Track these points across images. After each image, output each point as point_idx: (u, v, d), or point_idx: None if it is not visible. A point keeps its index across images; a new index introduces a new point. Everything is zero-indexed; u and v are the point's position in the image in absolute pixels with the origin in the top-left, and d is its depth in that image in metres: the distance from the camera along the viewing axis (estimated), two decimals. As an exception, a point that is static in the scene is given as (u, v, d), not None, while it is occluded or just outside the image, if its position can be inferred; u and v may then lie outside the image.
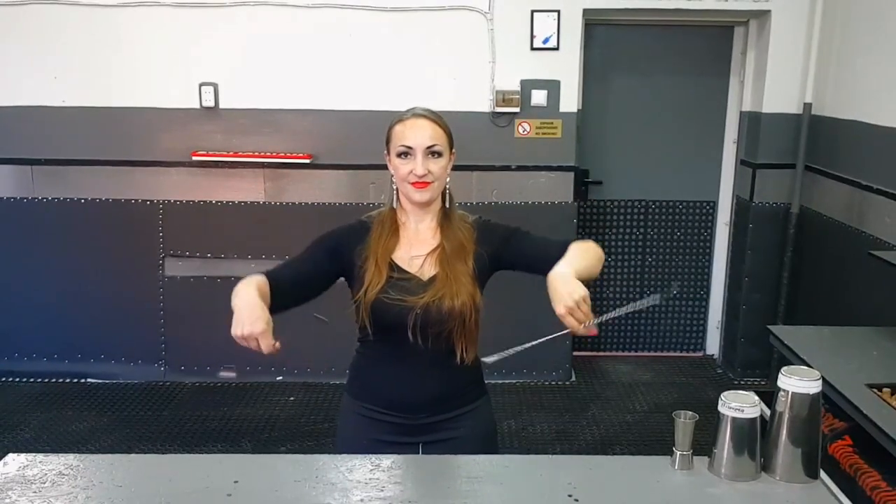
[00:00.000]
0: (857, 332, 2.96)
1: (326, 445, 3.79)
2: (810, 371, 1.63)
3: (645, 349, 5.05)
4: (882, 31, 3.69)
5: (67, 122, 4.36)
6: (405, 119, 1.91)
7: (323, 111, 4.36)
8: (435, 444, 1.92)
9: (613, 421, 4.18)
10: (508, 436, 3.96)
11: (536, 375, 4.63)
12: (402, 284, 1.88)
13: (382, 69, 4.30)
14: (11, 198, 4.46)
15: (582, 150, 4.54)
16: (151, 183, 4.43)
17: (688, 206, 4.87)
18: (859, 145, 3.87)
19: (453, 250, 1.91)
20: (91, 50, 4.28)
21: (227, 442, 3.93)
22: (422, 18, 4.25)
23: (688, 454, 1.65)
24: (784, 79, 4.33)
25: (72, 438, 3.93)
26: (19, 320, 4.54)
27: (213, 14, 4.25)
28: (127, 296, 4.50)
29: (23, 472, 1.63)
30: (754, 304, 4.59)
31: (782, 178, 4.43)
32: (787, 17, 4.28)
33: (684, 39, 4.66)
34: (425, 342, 1.87)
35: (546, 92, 4.32)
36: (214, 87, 4.31)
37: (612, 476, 1.67)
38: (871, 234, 3.71)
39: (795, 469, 1.61)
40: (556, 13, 4.23)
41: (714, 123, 4.76)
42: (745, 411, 1.58)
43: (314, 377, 4.56)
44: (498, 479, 1.64)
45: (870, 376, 2.45)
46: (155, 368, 4.59)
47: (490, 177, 4.40)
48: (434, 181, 1.89)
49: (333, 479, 1.62)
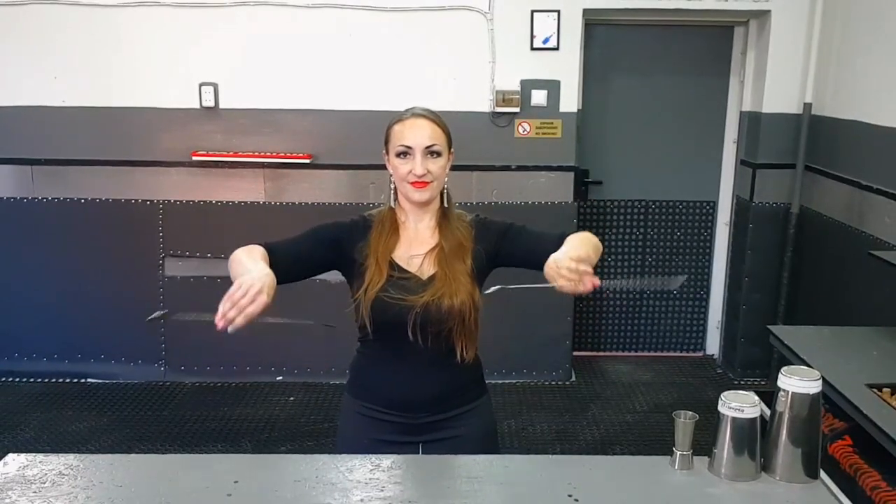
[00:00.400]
0: (857, 332, 2.96)
1: (326, 445, 3.79)
2: (810, 371, 1.63)
3: (645, 349, 5.05)
4: (882, 31, 3.69)
5: (67, 122, 4.36)
6: (404, 119, 1.91)
7: (323, 111, 4.36)
8: (435, 443, 1.93)
9: (613, 421, 4.18)
10: (508, 436, 3.96)
11: (536, 375, 4.63)
12: (401, 283, 1.88)
13: (382, 69, 4.30)
14: (11, 198, 4.46)
15: (582, 150, 4.54)
16: (151, 183, 4.43)
17: (688, 206, 4.87)
18: (859, 145, 3.87)
19: (452, 249, 1.91)
20: (91, 50, 4.28)
21: (227, 442, 3.93)
22: (422, 18, 4.26)
23: (688, 454, 1.65)
24: (784, 79, 4.33)
25: (72, 438, 3.93)
26: (19, 320, 4.55)
27: (213, 14, 4.25)
28: (127, 296, 4.50)
29: (23, 472, 1.63)
30: (754, 304, 4.59)
31: (782, 178, 4.43)
32: (787, 17, 4.28)
33: (684, 39, 4.66)
34: (425, 341, 1.87)
35: (546, 92, 4.32)
36: (214, 87, 4.31)
37: (612, 476, 1.67)
38: (871, 234, 3.71)
39: (795, 469, 1.61)
40: (556, 13, 4.23)
41: (714, 123, 4.76)
42: (745, 411, 1.58)
43: (314, 377, 4.56)
44: (498, 479, 1.64)
45: (870, 376, 2.45)
46: (155, 368, 4.60)
47: (490, 177, 4.40)
48: (433, 181, 1.89)
49: (333, 479, 1.62)
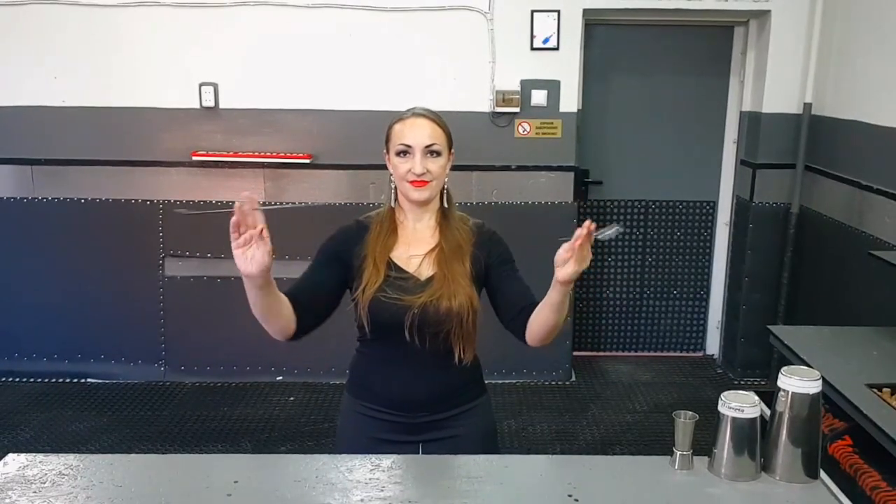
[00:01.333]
0: (856, 332, 2.96)
1: (326, 445, 3.79)
2: (810, 371, 1.64)
3: (645, 349, 5.05)
4: (882, 31, 3.70)
5: (67, 122, 4.36)
6: (405, 118, 1.92)
7: (323, 111, 4.36)
8: (435, 442, 1.93)
9: (613, 421, 4.18)
10: (508, 436, 3.96)
11: (536, 375, 4.63)
12: (399, 284, 1.88)
13: (382, 69, 4.30)
14: (11, 198, 4.46)
15: (582, 150, 4.54)
16: (151, 183, 4.43)
17: (688, 206, 4.87)
18: (859, 145, 3.87)
19: (451, 251, 1.92)
20: (91, 50, 4.28)
21: (227, 442, 3.93)
22: (422, 19, 4.26)
23: (688, 454, 1.65)
24: (784, 79, 4.33)
25: (72, 438, 3.93)
26: (19, 320, 4.54)
27: (213, 14, 4.25)
28: (127, 296, 4.50)
29: (23, 472, 1.64)
30: (754, 304, 4.59)
31: (782, 178, 4.43)
32: (787, 17, 4.28)
33: (684, 39, 4.66)
34: (423, 342, 1.87)
35: (546, 92, 4.32)
36: (214, 87, 4.31)
37: (612, 476, 1.67)
38: (871, 233, 3.71)
39: (795, 469, 1.61)
40: (556, 13, 4.24)
41: (714, 123, 4.76)
42: (745, 411, 1.59)
43: (314, 377, 4.56)
44: (498, 479, 1.64)
45: (870, 376, 2.45)
46: (155, 368, 4.59)
47: (490, 177, 4.40)
48: (432, 180, 1.90)
49: (333, 479, 1.63)
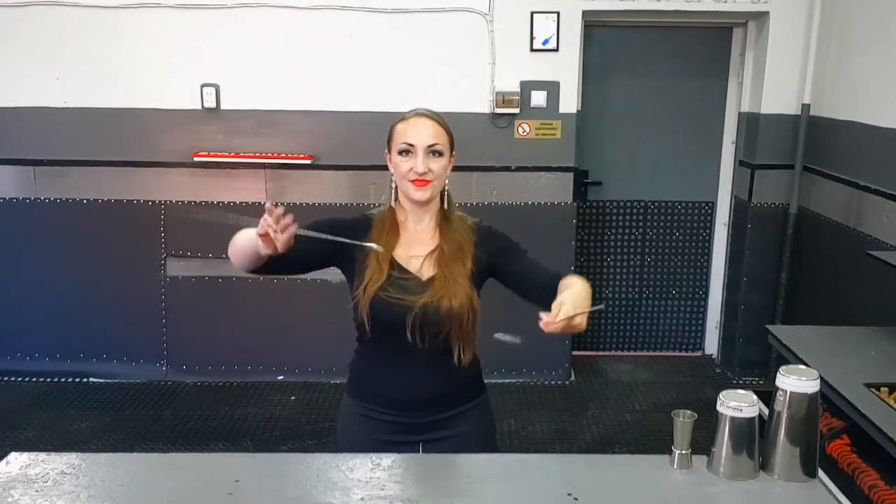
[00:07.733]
0: (855, 332, 2.97)
1: (327, 444, 3.79)
2: (808, 370, 1.64)
3: (644, 349, 5.06)
4: (880, 32, 3.70)
5: (69, 123, 4.37)
6: (408, 118, 1.93)
7: (324, 112, 4.37)
8: (435, 442, 1.93)
9: (613, 420, 4.19)
10: (508, 435, 3.97)
11: (536, 375, 4.64)
12: (401, 283, 1.89)
13: (383, 70, 4.31)
14: (14, 198, 4.47)
15: (581, 150, 4.55)
16: (153, 183, 4.44)
17: (687, 206, 4.88)
18: (857, 146, 3.88)
19: (452, 252, 1.92)
20: (93, 51, 4.29)
21: (229, 441, 3.93)
22: (422, 20, 4.26)
23: (686, 453, 1.66)
24: (782, 80, 4.34)
25: (74, 437, 3.94)
26: (22, 320, 4.55)
27: (214, 15, 4.25)
28: (129, 296, 4.51)
29: (25, 471, 1.64)
30: (753, 304, 4.60)
31: (781, 179, 4.44)
32: (785, 19, 4.29)
33: (683, 41, 4.66)
34: (423, 342, 1.88)
35: (546, 93, 4.33)
36: (216, 88, 4.32)
37: (611, 475, 1.68)
38: (869, 234, 3.72)
39: (794, 468, 1.62)
40: (556, 14, 4.25)
41: (713, 124, 4.77)
42: (744, 411, 1.59)
43: (314, 377, 4.56)
44: (498, 479, 1.65)
45: (868, 376, 2.47)
46: (156, 368, 4.60)
47: (490, 178, 4.41)
48: (434, 180, 1.90)
49: (334, 477, 1.63)
